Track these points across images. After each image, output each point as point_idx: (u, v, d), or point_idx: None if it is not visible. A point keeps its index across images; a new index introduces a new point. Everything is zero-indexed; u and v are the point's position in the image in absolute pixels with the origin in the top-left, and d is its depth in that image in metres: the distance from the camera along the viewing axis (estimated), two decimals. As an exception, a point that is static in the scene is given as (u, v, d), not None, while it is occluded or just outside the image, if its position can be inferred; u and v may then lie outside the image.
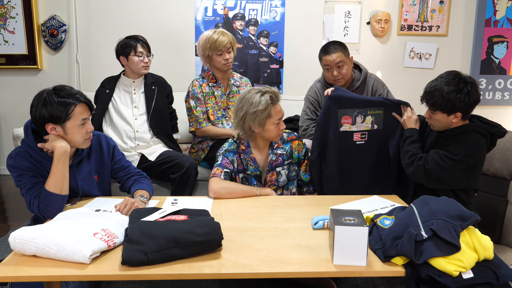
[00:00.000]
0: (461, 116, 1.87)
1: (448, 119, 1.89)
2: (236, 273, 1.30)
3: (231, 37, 2.69)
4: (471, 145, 1.86)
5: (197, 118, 2.71)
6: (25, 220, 2.71)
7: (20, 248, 1.34)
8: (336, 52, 2.49)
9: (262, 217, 1.74)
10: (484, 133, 1.89)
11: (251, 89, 2.07)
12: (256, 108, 1.99)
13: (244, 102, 2.03)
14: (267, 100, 2.00)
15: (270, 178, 2.14)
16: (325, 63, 2.52)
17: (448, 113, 1.87)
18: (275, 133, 2.06)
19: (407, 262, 1.33)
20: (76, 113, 1.75)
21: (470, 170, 1.88)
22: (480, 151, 1.89)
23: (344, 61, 2.49)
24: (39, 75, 3.87)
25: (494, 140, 1.94)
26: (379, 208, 1.78)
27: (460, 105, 1.83)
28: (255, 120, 2.00)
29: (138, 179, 2.04)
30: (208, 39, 2.64)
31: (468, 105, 1.85)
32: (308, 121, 2.66)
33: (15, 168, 1.77)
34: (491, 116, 1.97)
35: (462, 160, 1.84)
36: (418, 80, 3.90)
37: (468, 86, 1.84)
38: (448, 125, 1.91)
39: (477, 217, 1.34)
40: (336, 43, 2.56)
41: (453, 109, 1.85)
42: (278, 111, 2.05)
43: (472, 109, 1.90)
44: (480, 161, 1.91)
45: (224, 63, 2.66)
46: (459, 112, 1.86)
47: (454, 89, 1.83)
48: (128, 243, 1.34)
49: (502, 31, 3.83)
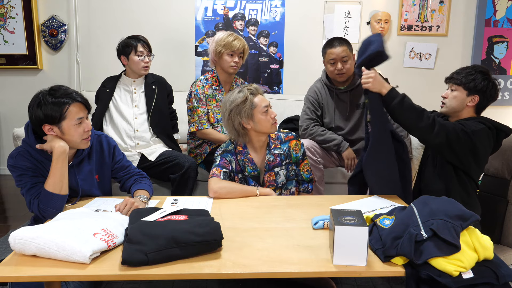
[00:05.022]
0: (478, 100, 1.94)
1: (465, 100, 1.95)
2: (236, 273, 1.29)
3: (245, 44, 2.73)
4: (479, 135, 1.88)
5: (200, 119, 2.71)
6: (25, 220, 2.71)
7: (20, 248, 1.34)
8: (342, 46, 2.54)
9: (262, 217, 1.74)
10: (490, 126, 1.92)
11: (231, 91, 2.11)
12: (236, 101, 2.03)
13: (226, 102, 2.08)
14: (245, 93, 2.04)
15: (268, 178, 2.13)
16: (331, 57, 2.55)
17: (469, 91, 1.94)
18: (268, 122, 2.06)
19: (407, 262, 1.33)
20: (71, 112, 1.75)
21: (475, 153, 1.90)
22: (486, 141, 1.91)
23: (349, 55, 2.54)
24: (39, 75, 3.87)
25: (500, 138, 1.96)
26: (379, 208, 1.78)
27: (482, 88, 1.92)
28: (241, 114, 2.02)
29: (138, 179, 2.04)
30: (225, 38, 2.67)
31: (487, 93, 1.94)
32: (308, 121, 2.66)
33: (15, 168, 1.77)
34: (491, 116, 1.98)
35: (472, 139, 1.86)
36: (418, 80, 3.92)
37: (494, 81, 1.96)
38: (461, 107, 1.97)
39: (477, 217, 1.34)
40: (341, 38, 2.59)
41: (475, 89, 1.93)
42: (262, 99, 2.07)
43: (488, 102, 1.98)
44: (485, 151, 1.93)
45: (232, 65, 2.67)
46: (478, 95, 1.94)
47: (482, 72, 1.94)
48: (128, 243, 1.34)
49: (502, 31, 3.83)
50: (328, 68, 2.61)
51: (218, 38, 2.70)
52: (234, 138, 2.12)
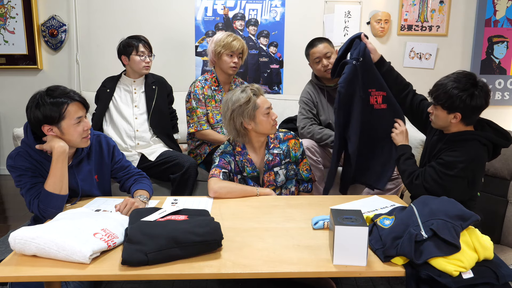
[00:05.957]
0: (460, 117, 1.79)
1: (447, 118, 1.82)
2: (236, 273, 1.30)
3: (244, 44, 2.73)
4: (468, 157, 1.78)
5: (199, 119, 2.71)
6: (25, 220, 2.71)
7: (20, 248, 1.34)
8: (322, 43, 2.66)
9: (262, 217, 1.74)
10: (484, 143, 1.80)
11: (233, 90, 2.11)
12: (240, 102, 2.02)
13: (228, 102, 2.07)
14: (248, 93, 2.03)
15: (267, 178, 2.13)
16: (314, 56, 2.66)
17: (448, 110, 1.80)
18: (269, 124, 2.06)
19: (407, 262, 1.33)
20: (70, 112, 1.75)
21: (471, 182, 1.82)
22: (478, 162, 1.81)
23: (331, 50, 2.66)
24: (39, 75, 3.87)
25: (497, 149, 1.85)
26: (379, 208, 1.78)
27: (459, 105, 1.76)
28: (243, 114, 2.02)
29: (138, 179, 2.04)
30: (224, 39, 2.68)
31: (468, 107, 1.76)
32: (305, 120, 2.68)
33: (15, 168, 1.77)
34: (491, 116, 1.96)
35: (460, 175, 1.78)
36: (418, 80, 3.88)
37: (476, 90, 1.75)
38: (447, 124, 1.85)
39: (477, 217, 1.34)
40: (320, 37, 2.72)
41: (453, 107, 1.78)
42: (264, 101, 2.07)
43: (474, 114, 1.81)
44: (479, 171, 1.84)
45: (232, 65, 2.68)
46: (459, 112, 1.78)
47: (458, 86, 1.76)
48: (128, 243, 1.34)
49: (502, 31, 3.83)
50: (315, 67, 2.70)
51: (217, 39, 2.70)
52: (234, 137, 2.11)
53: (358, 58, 2.13)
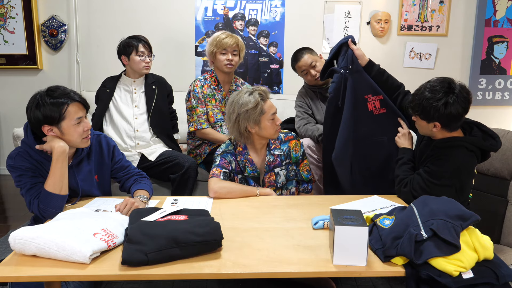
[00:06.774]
0: (440, 126, 1.77)
1: (429, 127, 1.79)
2: (236, 273, 1.29)
3: (239, 40, 2.72)
4: (454, 167, 1.76)
5: (199, 118, 2.71)
6: (25, 220, 2.71)
7: (20, 248, 1.34)
8: (305, 55, 2.68)
9: (262, 217, 1.74)
10: (471, 149, 1.77)
11: (239, 91, 2.08)
12: (247, 107, 2.00)
13: (235, 104, 2.04)
14: (256, 98, 2.01)
15: (268, 179, 2.13)
16: (301, 69, 2.71)
17: (427, 120, 1.78)
18: (273, 129, 2.06)
19: (407, 262, 1.33)
20: (70, 112, 1.75)
21: (459, 189, 1.81)
22: (464, 169, 1.79)
23: (315, 59, 2.67)
24: (39, 75, 3.87)
25: (486, 154, 1.84)
26: (379, 208, 1.78)
27: (434, 115, 1.73)
28: (249, 119, 2.01)
29: (138, 179, 2.04)
30: (216, 37, 2.68)
31: (443, 116, 1.72)
32: (302, 121, 2.71)
33: (15, 168, 1.77)
34: (491, 116, 1.96)
35: (446, 184, 1.77)
36: (418, 80, 3.86)
37: (450, 97, 1.70)
38: (430, 133, 1.83)
39: (477, 217, 1.34)
40: (300, 49, 2.73)
41: (429, 117, 1.76)
42: (270, 106, 2.06)
43: (452, 122, 1.76)
44: (467, 178, 1.83)
45: (226, 63, 2.67)
46: (437, 121, 1.76)
47: (431, 96, 1.73)
48: (128, 243, 1.34)
49: (502, 31, 3.83)
50: (305, 78, 2.76)
51: (211, 39, 2.71)
52: (236, 138, 2.11)
53: (347, 67, 2.14)
